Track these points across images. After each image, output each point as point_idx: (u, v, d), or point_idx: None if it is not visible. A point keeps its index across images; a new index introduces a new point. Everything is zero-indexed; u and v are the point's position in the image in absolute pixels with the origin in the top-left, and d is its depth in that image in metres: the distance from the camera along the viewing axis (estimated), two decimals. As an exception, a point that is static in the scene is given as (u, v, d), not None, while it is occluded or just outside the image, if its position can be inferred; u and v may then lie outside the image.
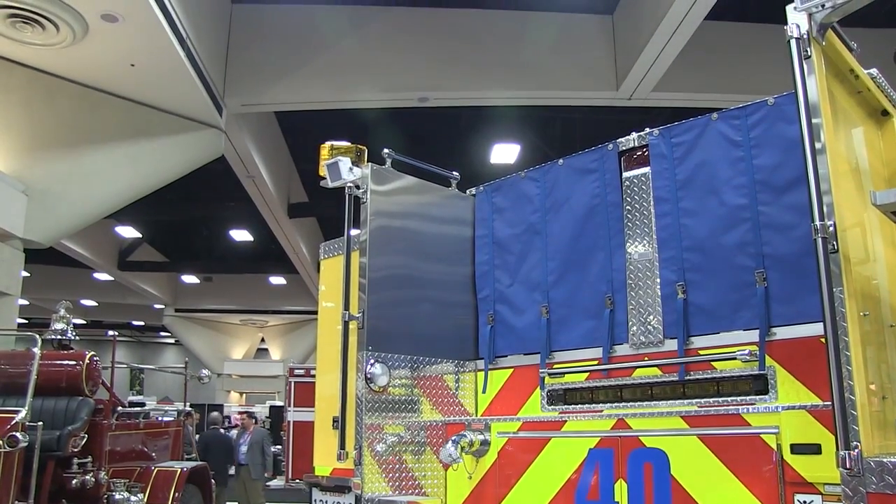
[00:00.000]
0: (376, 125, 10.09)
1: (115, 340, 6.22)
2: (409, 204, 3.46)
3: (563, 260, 3.27)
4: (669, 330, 2.84)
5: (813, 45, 2.00)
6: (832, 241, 1.88)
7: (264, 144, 10.59)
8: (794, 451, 2.12)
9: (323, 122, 10.63)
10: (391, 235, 3.31)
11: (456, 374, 3.45)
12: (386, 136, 10.07)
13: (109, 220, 13.50)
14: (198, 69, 7.66)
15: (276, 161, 11.47)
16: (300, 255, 15.34)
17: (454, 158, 10.90)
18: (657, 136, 3.04)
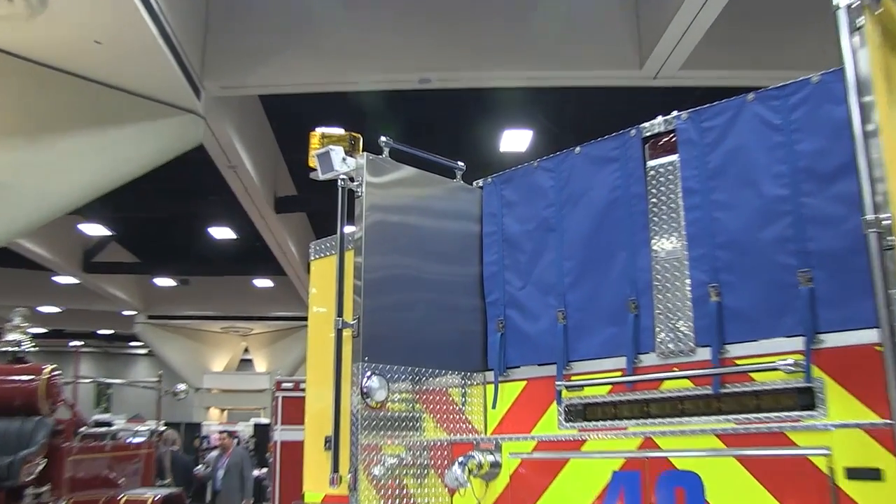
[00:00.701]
0: (372, 110, 10.11)
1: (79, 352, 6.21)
2: (409, 197, 3.46)
3: (581, 259, 3.26)
4: (702, 337, 2.83)
5: (865, 14, 1.95)
6: (887, 237, 1.84)
7: (248, 132, 10.63)
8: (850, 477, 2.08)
9: (313, 108, 10.66)
10: (389, 232, 3.31)
11: (462, 387, 3.45)
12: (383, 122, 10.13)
13: (73, 216, 13.53)
14: (172, 47, 7.61)
15: (261, 150, 11.51)
16: (288, 255, 15.39)
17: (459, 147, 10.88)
18: (686, 121, 3.03)
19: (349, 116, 10.35)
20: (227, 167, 10.60)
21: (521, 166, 3.62)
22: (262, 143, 11.67)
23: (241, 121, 10.20)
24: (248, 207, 12.37)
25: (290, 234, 14.57)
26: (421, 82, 8.88)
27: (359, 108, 10.12)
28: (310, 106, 10.62)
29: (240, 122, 10.16)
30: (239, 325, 24.33)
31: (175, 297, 21.92)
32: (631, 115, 3.54)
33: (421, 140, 3.50)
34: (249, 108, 10.68)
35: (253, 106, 10.84)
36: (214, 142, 9.74)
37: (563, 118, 10.96)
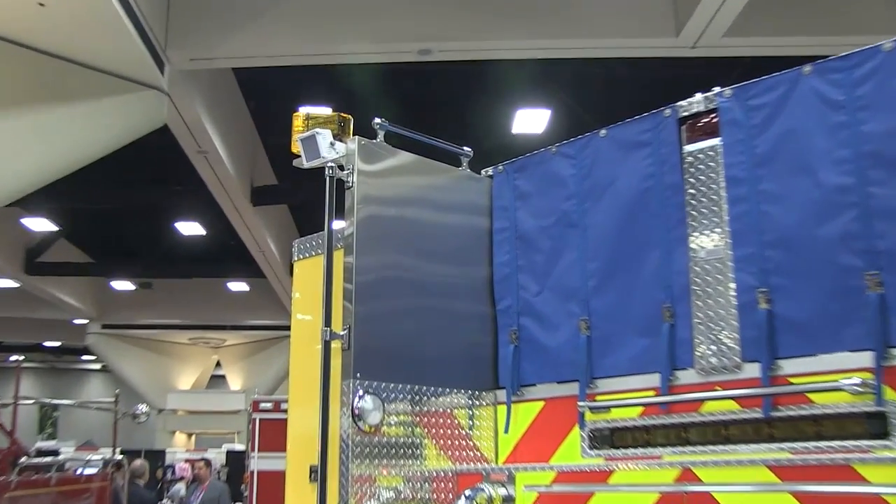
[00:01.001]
0: (365, 88, 10.13)
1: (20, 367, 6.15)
2: (407, 188, 3.48)
3: (608, 260, 3.27)
4: (749, 351, 2.83)
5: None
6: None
7: (220, 112, 10.65)
8: None
9: (296, 84, 10.69)
10: (385, 228, 3.33)
11: (470, 408, 3.46)
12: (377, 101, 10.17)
13: (13, 208, 13.56)
14: (130, 11, 7.51)
15: (235, 133, 11.54)
16: (267, 254, 15.45)
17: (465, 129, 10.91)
18: (730, 98, 3.03)
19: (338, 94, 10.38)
20: (196, 152, 10.65)
21: (537, 152, 3.63)
22: (237, 124, 11.70)
23: (212, 99, 10.22)
24: (220, 199, 12.42)
25: (269, 229, 14.63)
26: (420, 54, 8.88)
27: (349, 85, 10.15)
28: (292, 82, 10.64)
29: (211, 100, 10.18)
30: (210, 335, 24.43)
31: (135, 303, 22.02)
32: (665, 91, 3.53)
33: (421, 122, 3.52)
34: (222, 84, 10.71)
35: (226, 82, 10.88)
36: (181, 122, 9.77)
37: (585, 96, 10.98)
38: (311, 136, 3.26)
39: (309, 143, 3.27)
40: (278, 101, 11.37)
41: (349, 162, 3.24)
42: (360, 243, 3.19)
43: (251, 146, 12.65)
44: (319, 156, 3.24)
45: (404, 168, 3.47)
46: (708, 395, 2.88)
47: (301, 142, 3.30)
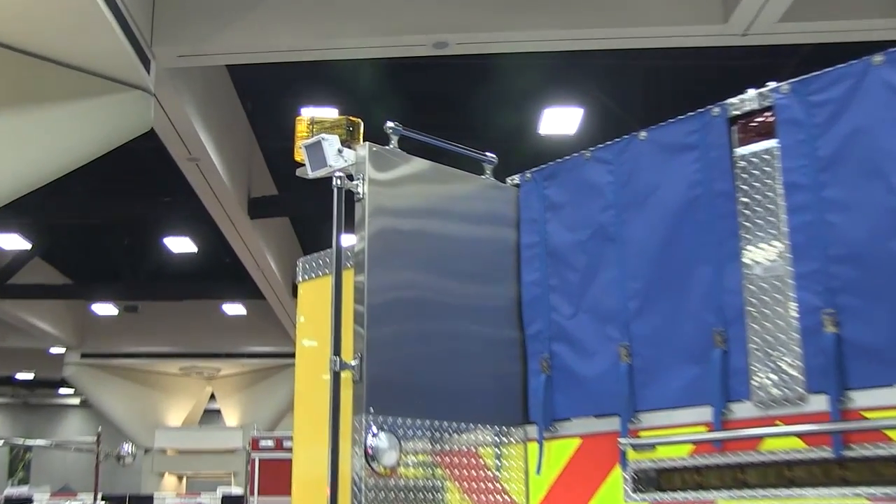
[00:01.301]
0: (374, 86, 10.23)
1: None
2: (424, 199, 3.51)
3: (651, 278, 3.28)
4: (814, 380, 2.81)
5: None
6: None
7: (213, 114, 10.76)
8: None
9: (298, 82, 10.82)
10: (400, 244, 3.36)
11: (497, 446, 3.46)
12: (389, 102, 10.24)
13: (-18, 224, 14.02)
14: (111, 2, 7.51)
15: (230, 138, 11.66)
16: (267, 273, 15.57)
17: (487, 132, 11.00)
18: (787, 94, 3.02)
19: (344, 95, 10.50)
20: (187, 160, 10.77)
21: (569, 157, 3.64)
22: (233, 129, 11.82)
23: (204, 100, 10.33)
24: (213, 211, 12.56)
25: (269, 245, 14.74)
26: (436, 47, 8.91)
27: (356, 84, 10.25)
28: (293, 81, 10.78)
29: (203, 101, 10.29)
30: (203, 364, 24.54)
31: (118, 329, 22.22)
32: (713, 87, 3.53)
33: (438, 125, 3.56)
34: (215, 83, 10.84)
35: (220, 81, 11.02)
36: (169, 126, 9.87)
37: (622, 92, 11.01)
38: (316, 143, 3.30)
39: (314, 150, 3.31)
40: (278, 103, 11.50)
41: (359, 171, 3.27)
42: (372, 261, 3.22)
43: (248, 153, 12.78)
44: (326, 164, 3.26)
45: (421, 177, 3.50)
46: (768, 432, 2.86)
47: (305, 149, 3.33)
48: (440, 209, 3.55)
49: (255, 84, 11.45)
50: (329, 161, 3.26)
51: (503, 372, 3.58)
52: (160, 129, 9.76)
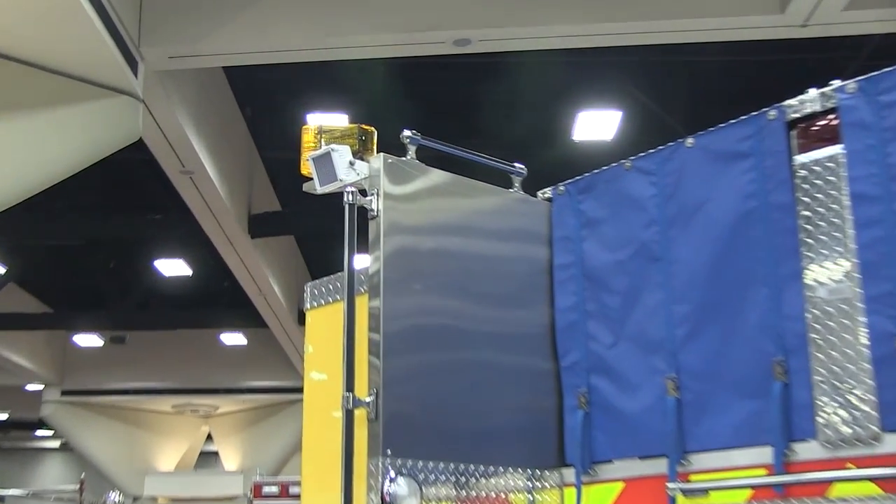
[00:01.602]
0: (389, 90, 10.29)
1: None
2: (446, 215, 3.54)
3: (700, 302, 3.28)
4: (890, 417, 2.80)
5: None
6: None
7: (209, 121, 10.88)
8: None
9: (303, 86, 10.93)
10: (419, 265, 3.39)
11: (530, 491, 3.46)
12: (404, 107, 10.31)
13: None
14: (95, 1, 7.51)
15: (228, 148, 11.79)
16: (270, 299, 15.68)
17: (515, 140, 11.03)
18: (854, 94, 3.03)
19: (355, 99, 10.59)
20: (180, 172, 10.86)
21: (607, 168, 3.67)
22: (231, 138, 11.94)
23: (198, 106, 10.44)
24: (210, 230, 12.68)
25: (272, 268, 14.85)
26: (457, 45, 8.94)
27: (368, 87, 10.32)
28: (298, 84, 10.89)
29: (197, 107, 10.40)
30: (199, 401, 24.53)
31: (104, 363, 22.35)
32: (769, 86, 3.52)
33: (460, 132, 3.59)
34: (211, 88, 10.96)
35: (216, 85, 11.14)
36: (160, 136, 9.95)
37: (666, 93, 11.03)
38: (325, 155, 3.35)
39: (323, 162, 3.36)
40: (282, 109, 11.62)
41: (373, 185, 3.32)
42: (388, 284, 3.25)
43: (248, 165, 12.90)
44: (336, 178, 3.32)
45: (442, 190, 3.54)
46: (837, 475, 2.84)
47: (313, 161, 3.39)
48: (464, 226, 3.59)
49: (256, 88, 11.56)
50: (339, 174, 3.31)
51: (536, 408, 3.59)
52: (150, 138, 9.85)
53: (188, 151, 10.34)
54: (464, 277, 3.51)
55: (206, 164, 10.76)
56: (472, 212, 3.63)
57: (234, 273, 14.48)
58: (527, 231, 3.79)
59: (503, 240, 3.71)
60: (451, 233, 3.54)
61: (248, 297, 15.68)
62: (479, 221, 3.64)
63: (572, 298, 3.67)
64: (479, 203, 3.67)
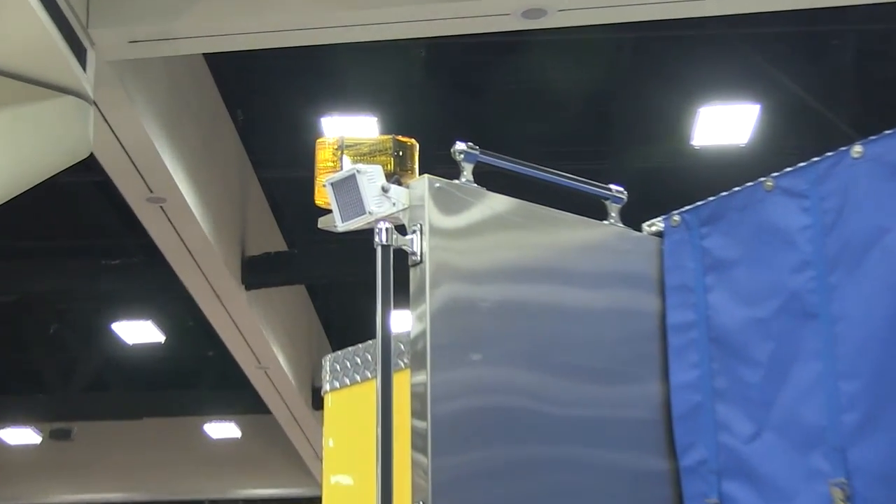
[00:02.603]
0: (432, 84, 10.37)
1: None
2: (516, 258, 3.59)
3: (878, 376, 3.27)
4: None
5: None
6: None
7: (186, 130, 11.03)
8: None
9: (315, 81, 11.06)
10: (480, 327, 3.43)
11: None
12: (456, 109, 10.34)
13: None
14: None
15: (213, 167, 11.93)
16: (273, 374, 15.81)
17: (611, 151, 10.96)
18: None
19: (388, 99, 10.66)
20: (147, 200, 11.00)
21: (740, 188, 3.69)
22: (217, 153, 12.11)
23: (172, 110, 10.59)
24: (188, 280, 12.81)
25: (275, 332, 14.98)
26: (526, 17, 8.98)
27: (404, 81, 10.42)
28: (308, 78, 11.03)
29: (170, 111, 10.54)
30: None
31: (42, 467, 22.33)
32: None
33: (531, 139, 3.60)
34: (189, 85, 11.15)
35: (196, 81, 11.34)
36: (118, 150, 10.03)
37: (823, 80, 10.94)
38: (348, 178, 3.38)
39: (345, 188, 3.39)
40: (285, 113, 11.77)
41: (415, 218, 3.35)
42: (438, 353, 3.28)
43: (240, 189, 13.08)
44: (364, 210, 3.35)
45: (510, 224, 3.58)
46: None
47: (332, 187, 3.42)
48: (541, 273, 3.63)
49: (251, 84, 11.75)
50: (368, 205, 3.34)
51: (646, 524, 3.61)
52: (104, 153, 9.93)
53: (157, 171, 10.43)
54: (541, 343, 3.54)
55: (181, 189, 10.86)
56: (551, 253, 3.68)
57: (223, 339, 14.60)
58: (628, 278, 3.82)
59: (595, 290, 3.74)
60: (522, 281, 3.58)
61: (243, 373, 15.79)
62: (561, 266, 3.68)
63: (694, 372, 3.67)
64: (561, 240, 3.71)
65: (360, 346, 3.90)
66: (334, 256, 12.69)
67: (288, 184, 12.83)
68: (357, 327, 3.93)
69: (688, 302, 3.75)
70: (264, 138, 12.51)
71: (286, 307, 15.49)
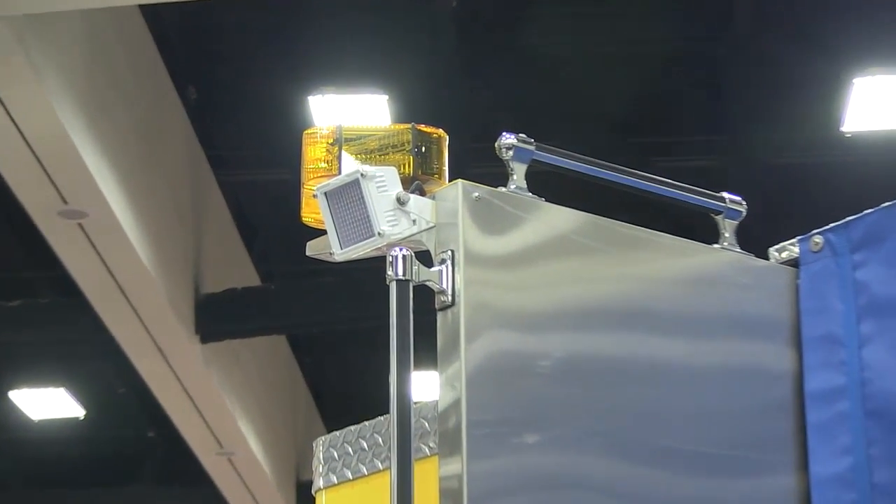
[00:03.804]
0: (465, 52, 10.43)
1: None
2: (588, 297, 3.63)
3: None
4: None
5: None
6: None
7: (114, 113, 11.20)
8: None
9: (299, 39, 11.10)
10: (536, 395, 3.45)
11: None
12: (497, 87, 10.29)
13: None
14: None
15: (152, 164, 12.10)
16: (240, 462, 15.97)
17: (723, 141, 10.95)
18: None
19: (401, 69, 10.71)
20: (58, 214, 11.19)
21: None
22: (158, 144, 12.25)
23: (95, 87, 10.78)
24: (119, 329, 12.98)
25: (242, 402, 15.08)
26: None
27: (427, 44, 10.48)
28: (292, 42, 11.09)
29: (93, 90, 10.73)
30: None
31: None
32: None
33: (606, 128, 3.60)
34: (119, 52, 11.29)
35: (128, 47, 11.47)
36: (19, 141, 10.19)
37: None
38: (350, 186, 3.41)
39: (346, 199, 3.42)
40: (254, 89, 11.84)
41: (445, 242, 3.38)
42: (477, 433, 3.28)
43: (193, 197, 13.19)
44: (372, 231, 3.37)
45: (579, 249, 3.62)
46: None
47: (325, 198, 3.46)
48: (624, 318, 3.66)
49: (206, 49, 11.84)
50: (378, 223, 3.36)
51: None
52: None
53: (74, 174, 10.64)
54: (625, 419, 3.56)
55: (109, 199, 11.04)
56: (639, 290, 3.70)
57: (169, 412, 14.71)
58: (748, 325, 3.84)
59: (702, 343, 3.78)
60: (598, 330, 3.62)
61: (199, 461, 15.93)
62: (653, 308, 3.70)
63: (845, 460, 3.68)
64: (653, 272, 3.74)
65: (365, 425, 3.92)
66: (328, 295, 12.72)
67: (261, 192, 12.90)
68: (360, 396, 3.97)
69: (835, 360, 3.75)
70: (227, 127, 12.61)
71: (259, 367, 15.56)
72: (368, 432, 3.91)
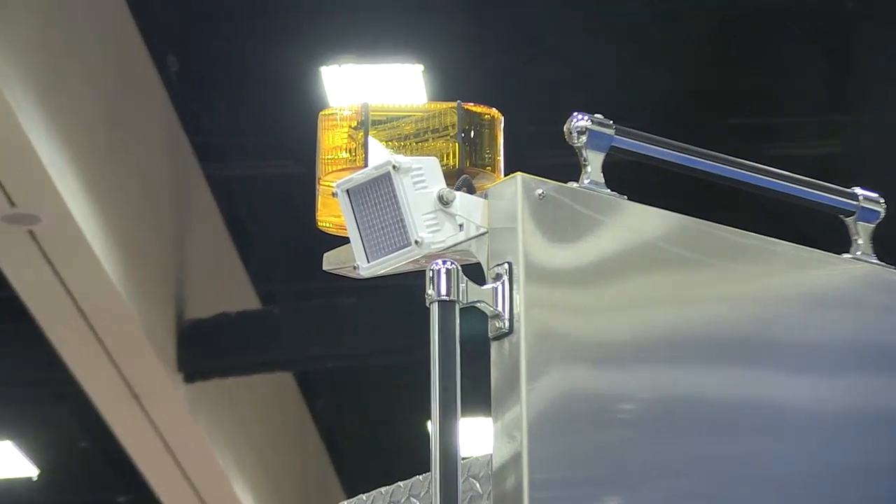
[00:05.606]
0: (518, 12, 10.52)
1: None
2: (685, 321, 3.63)
3: None
4: None
5: None
6: None
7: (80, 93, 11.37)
8: None
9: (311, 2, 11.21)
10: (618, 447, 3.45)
11: None
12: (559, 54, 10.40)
13: None
14: None
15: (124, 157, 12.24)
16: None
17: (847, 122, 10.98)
18: None
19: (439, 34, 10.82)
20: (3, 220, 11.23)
21: None
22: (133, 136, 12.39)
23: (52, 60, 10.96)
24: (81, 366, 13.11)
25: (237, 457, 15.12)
26: None
27: None
28: None
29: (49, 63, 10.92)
30: None
31: None
32: None
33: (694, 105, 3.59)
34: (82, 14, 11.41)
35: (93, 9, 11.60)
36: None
37: None
38: (378, 181, 3.43)
39: (374, 199, 3.45)
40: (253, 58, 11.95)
41: (502, 253, 3.38)
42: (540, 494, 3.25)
43: (174, 196, 13.25)
44: (407, 239, 3.40)
45: (674, 260, 3.64)
46: None
47: (349, 197, 3.49)
48: (731, 347, 3.66)
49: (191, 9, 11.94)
50: (414, 230, 3.39)
51: None
52: None
53: (25, 170, 10.80)
54: (734, 472, 3.56)
55: (67, 200, 11.16)
56: (751, 310, 3.71)
57: (144, 471, 14.85)
58: (892, 354, 3.84)
59: (831, 379, 3.78)
60: (696, 363, 3.62)
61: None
62: (769, 333, 3.71)
63: None
64: (768, 288, 3.76)
65: (399, 486, 3.93)
66: (346, 321, 12.72)
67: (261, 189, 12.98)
68: (388, 449, 4.00)
69: None
70: (217, 107, 12.70)
71: (259, 413, 15.63)
72: (403, 496, 3.92)
